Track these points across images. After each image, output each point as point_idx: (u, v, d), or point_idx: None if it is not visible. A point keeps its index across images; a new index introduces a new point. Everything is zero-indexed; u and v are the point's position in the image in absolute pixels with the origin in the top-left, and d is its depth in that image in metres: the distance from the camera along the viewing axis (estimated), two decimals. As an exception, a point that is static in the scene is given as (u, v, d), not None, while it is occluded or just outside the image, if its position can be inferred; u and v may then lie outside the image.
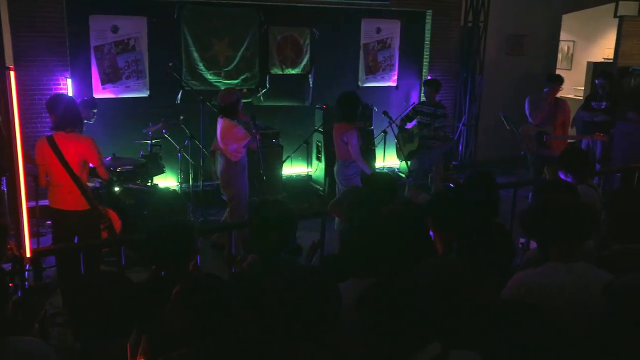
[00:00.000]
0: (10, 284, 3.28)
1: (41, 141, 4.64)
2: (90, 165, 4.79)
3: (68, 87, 7.07)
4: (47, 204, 4.80)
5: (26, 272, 3.76)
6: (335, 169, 6.12)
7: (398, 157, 7.75)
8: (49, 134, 4.67)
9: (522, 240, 4.47)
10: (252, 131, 5.93)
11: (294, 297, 1.99)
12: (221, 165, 5.98)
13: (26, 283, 3.70)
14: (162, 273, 2.81)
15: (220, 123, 5.90)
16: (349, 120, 5.91)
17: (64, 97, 5.21)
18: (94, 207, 4.72)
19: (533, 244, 3.40)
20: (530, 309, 2.25)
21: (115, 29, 7.39)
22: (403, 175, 8.23)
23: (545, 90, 7.10)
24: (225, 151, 5.86)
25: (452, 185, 6.48)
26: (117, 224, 4.94)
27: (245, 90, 7.73)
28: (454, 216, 2.95)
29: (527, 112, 7.19)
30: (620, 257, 2.73)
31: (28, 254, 3.68)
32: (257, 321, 2.05)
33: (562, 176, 4.13)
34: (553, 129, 7.02)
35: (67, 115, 4.65)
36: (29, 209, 4.17)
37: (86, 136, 4.94)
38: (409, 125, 7.66)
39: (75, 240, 4.69)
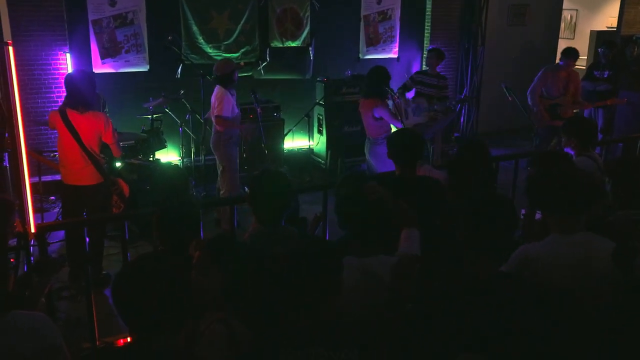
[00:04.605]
0: (11, 260, 3.30)
1: (55, 114, 4.64)
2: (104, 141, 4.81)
3: (67, 61, 7.02)
4: (49, 179, 4.81)
5: (31, 248, 3.79)
6: (365, 147, 5.94)
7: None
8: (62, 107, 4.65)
9: (523, 211, 4.47)
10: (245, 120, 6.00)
11: (294, 265, 1.99)
12: (212, 134, 6.08)
13: (32, 258, 3.74)
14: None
15: (214, 90, 5.98)
16: (378, 96, 5.73)
17: (77, 76, 4.83)
18: (106, 178, 4.79)
19: (538, 215, 3.41)
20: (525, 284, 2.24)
21: (112, 3, 7.30)
22: None
23: (560, 63, 7.18)
24: (213, 119, 5.93)
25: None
26: (126, 189, 5.02)
27: (242, 63, 7.63)
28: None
29: (537, 81, 7.20)
30: (623, 223, 2.74)
31: (33, 230, 3.71)
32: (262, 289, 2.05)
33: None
34: (566, 99, 7.08)
35: (79, 96, 4.61)
36: (32, 185, 4.18)
37: (100, 113, 4.92)
38: (409, 96, 7.58)
39: (84, 216, 4.73)
